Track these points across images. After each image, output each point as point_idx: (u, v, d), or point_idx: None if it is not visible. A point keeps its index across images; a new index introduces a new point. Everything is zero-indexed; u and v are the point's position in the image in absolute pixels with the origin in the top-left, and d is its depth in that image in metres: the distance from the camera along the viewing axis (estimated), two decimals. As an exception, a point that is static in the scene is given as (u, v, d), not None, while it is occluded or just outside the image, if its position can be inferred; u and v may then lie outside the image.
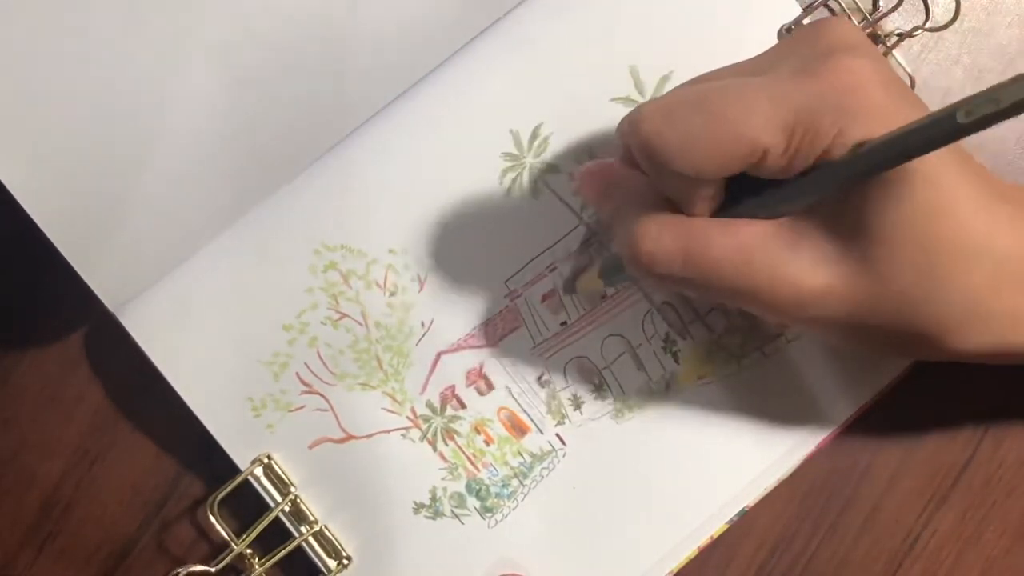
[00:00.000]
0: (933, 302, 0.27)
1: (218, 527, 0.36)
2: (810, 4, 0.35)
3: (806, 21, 0.35)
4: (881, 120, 0.26)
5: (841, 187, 0.26)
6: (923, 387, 0.35)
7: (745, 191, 0.28)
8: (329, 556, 0.36)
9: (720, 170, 0.26)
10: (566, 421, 0.36)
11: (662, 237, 0.28)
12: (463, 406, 0.36)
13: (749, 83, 0.27)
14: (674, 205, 0.29)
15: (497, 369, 0.36)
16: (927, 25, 0.36)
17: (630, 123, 0.27)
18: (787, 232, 0.28)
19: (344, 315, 0.36)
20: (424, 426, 0.36)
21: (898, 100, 0.27)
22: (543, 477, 0.36)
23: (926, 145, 0.24)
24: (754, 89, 0.26)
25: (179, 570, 0.37)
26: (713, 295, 0.29)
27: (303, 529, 0.36)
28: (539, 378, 0.36)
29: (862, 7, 0.36)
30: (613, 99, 0.35)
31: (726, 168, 0.26)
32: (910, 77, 0.36)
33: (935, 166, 0.26)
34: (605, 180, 0.31)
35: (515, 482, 0.36)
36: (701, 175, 0.27)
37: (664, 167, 0.27)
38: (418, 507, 0.36)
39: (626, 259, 0.29)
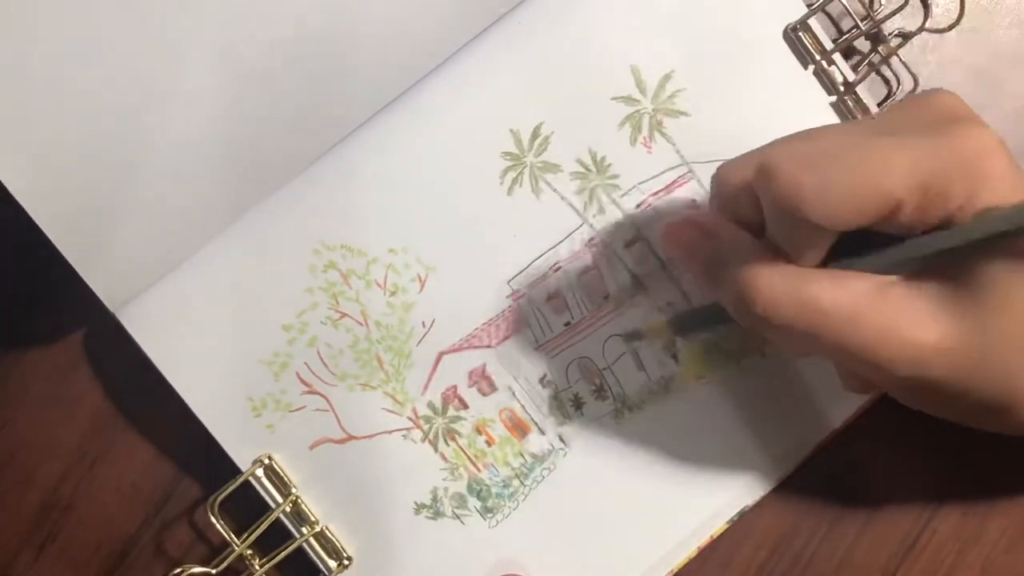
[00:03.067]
0: None
1: (218, 527, 0.36)
2: (812, 3, 0.35)
3: (811, 21, 0.35)
4: (1008, 189, 0.26)
5: (964, 251, 0.27)
6: (924, 387, 0.35)
7: (851, 245, 0.28)
8: (330, 557, 0.36)
9: (852, 221, 0.27)
10: (567, 422, 0.36)
11: (776, 287, 0.28)
12: (465, 406, 0.36)
13: (886, 139, 0.27)
14: (775, 255, 0.29)
15: (500, 369, 0.36)
16: (929, 26, 0.36)
17: (761, 169, 0.27)
18: (899, 289, 0.28)
19: (344, 315, 0.36)
20: (425, 427, 0.36)
21: (1020, 170, 0.27)
22: (544, 478, 0.36)
23: None
24: (892, 144, 0.27)
25: (179, 570, 0.37)
26: (820, 346, 0.29)
27: (304, 530, 0.36)
28: (542, 378, 0.36)
29: (864, 7, 0.36)
30: (613, 98, 0.35)
31: (858, 219, 0.26)
32: (912, 77, 0.36)
33: None
34: (697, 232, 0.32)
35: (516, 482, 0.36)
36: (832, 225, 0.27)
37: (796, 215, 0.27)
38: (419, 507, 0.36)
39: (736, 307, 0.29)
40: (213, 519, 0.36)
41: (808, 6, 0.35)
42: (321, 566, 0.36)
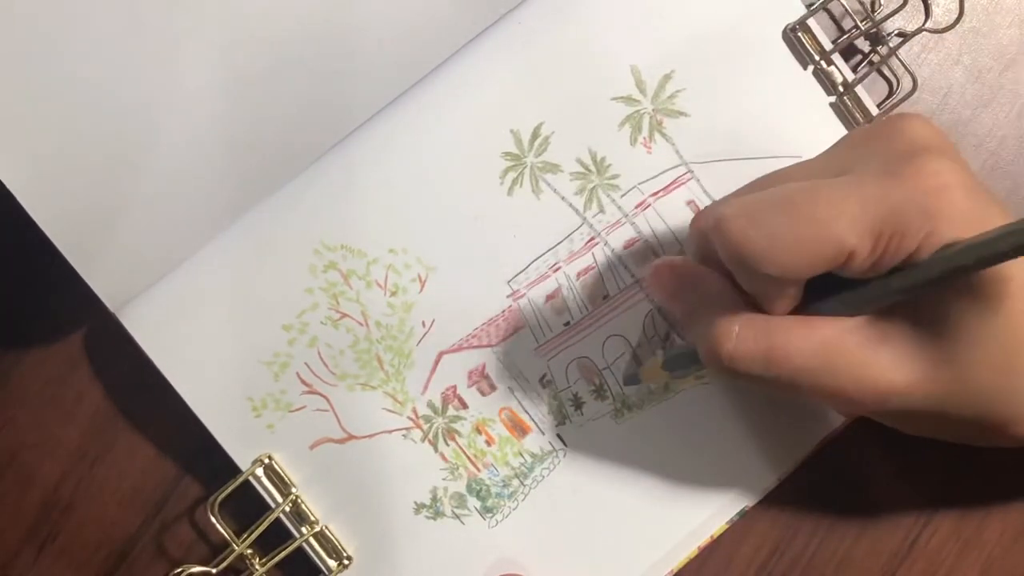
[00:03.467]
0: (1009, 394, 0.28)
1: (218, 527, 0.36)
2: (812, 3, 0.35)
3: (810, 21, 0.35)
4: (967, 223, 0.26)
5: (926, 288, 0.27)
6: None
7: (824, 287, 0.28)
8: (330, 556, 0.36)
9: (806, 271, 0.27)
10: (567, 421, 0.36)
11: (743, 338, 0.28)
12: (464, 406, 0.36)
13: (835, 184, 0.27)
14: (752, 302, 0.29)
15: (499, 369, 0.36)
16: (929, 26, 0.36)
17: (714, 224, 0.27)
18: (867, 330, 0.28)
19: (344, 315, 0.36)
20: (425, 426, 0.36)
21: (981, 202, 0.27)
22: (543, 477, 0.36)
23: (1015, 251, 0.24)
24: (841, 190, 0.26)
25: (179, 570, 0.37)
26: (794, 392, 0.29)
27: (304, 529, 0.36)
28: (541, 378, 0.36)
29: (864, 7, 0.36)
30: (613, 99, 0.35)
31: (812, 269, 0.27)
32: (911, 77, 0.36)
33: (1012, 267, 0.27)
34: (677, 279, 0.32)
35: (516, 482, 0.36)
36: (787, 276, 0.27)
37: (750, 268, 0.27)
38: (419, 507, 0.36)
39: (705, 358, 0.29)
40: (213, 519, 0.36)
41: (807, 7, 0.35)
42: (321, 566, 0.36)
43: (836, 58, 0.35)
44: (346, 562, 0.36)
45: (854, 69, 0.36)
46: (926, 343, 0.27)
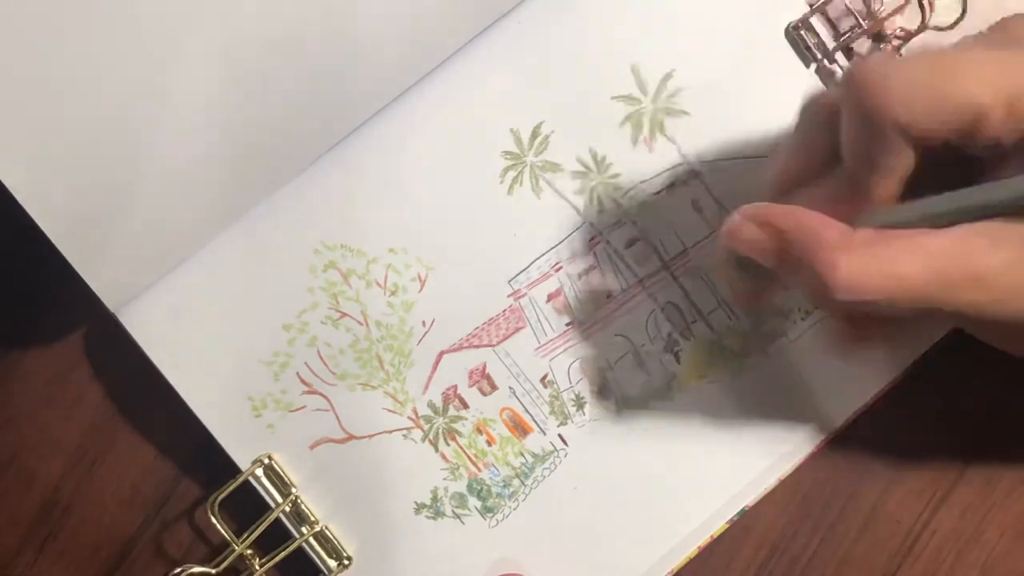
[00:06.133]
0: None
1: (218, 527, 0.36)
2: (814, 2, 0.35)
3: (813, 19, 0.34)
4: None
5: None
6: (923, 387, 0.35)
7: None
8: (330, 556, 0.36)
9: (937, 126, 0.26)
10: (569, 421, 0.36)
11: (853, 267, 0.27)
12: (465, 406, 0.36)
13: (975, 49, 0.27)
14: (845, 230, 0.28)
15: (500, 369, 0.36)
16: (930, 25, 0.36)
17: (846, 74, 0.27)
18: (979, 237, 0.27)
19: (344, 315, 0.36)
20: (426, 426, 0.36)
21: None
22: (544, 477, 0.36)
23: None
24: (981, 53, 0.27)
25: (179, 570, 0.37)
26: (913, 311, 0.28)
27: (304, 530, 0.36)
28: (543, 378, 0.36)
29: (867, 5, 0.36)
30: (614, 97, 0.35)
31: (943, 125, 0.26)
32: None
33: None
34: (758, 229, 0.29)
35: (516, 482, 0.36)
36: (915, 127, 0.26)
37: (880, 115, 0.26)
38: (419, 507, 0.36)
39: (817, 298, 0.28)
40: (213, 519, 0.36)
41: (810, 5, 0.35)
42: (321, 566, 0.36)
43: (839, 56, 0.35)
44: (346, 562, 0.36)
45: (855, 68, 0.36)
46: None
